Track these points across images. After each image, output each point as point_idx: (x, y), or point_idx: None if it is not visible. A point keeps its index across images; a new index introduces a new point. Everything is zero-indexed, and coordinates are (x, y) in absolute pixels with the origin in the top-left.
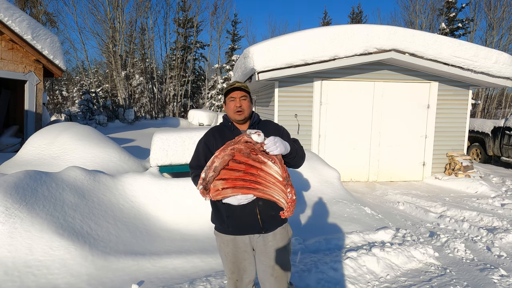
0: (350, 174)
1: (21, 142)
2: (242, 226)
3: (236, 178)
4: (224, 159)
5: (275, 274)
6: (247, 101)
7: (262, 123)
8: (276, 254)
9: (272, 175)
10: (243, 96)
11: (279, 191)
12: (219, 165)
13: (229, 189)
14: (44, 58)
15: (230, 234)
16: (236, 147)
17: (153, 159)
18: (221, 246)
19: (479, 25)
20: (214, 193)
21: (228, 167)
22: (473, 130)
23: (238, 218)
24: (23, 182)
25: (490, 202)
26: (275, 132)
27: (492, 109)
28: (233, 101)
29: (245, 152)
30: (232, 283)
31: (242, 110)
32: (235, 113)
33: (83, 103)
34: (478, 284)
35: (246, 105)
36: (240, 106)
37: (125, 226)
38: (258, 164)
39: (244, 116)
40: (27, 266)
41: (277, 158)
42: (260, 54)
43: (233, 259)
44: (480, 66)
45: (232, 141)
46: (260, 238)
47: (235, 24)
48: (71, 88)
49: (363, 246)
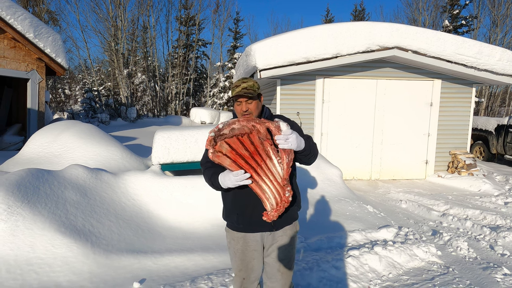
0: (353, 172)
1: (23, 140)
2: (252, 224)
3: (240, 154)
4: (243, 128)
5: (282, 270)
6: (254, 102)
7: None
8: (284, 250)
9: (272, 173)
10: (249, 100)
11: (272, 190)
12: (236, 130)
13: (228, 159)
14: (46, 57)
15: (241, 232)
16: (257, 126)
17: (155, 157)
18: (231, 242)
19: (483, 22)
20: (217, 152)
21: (241, 139)
22: (477, 128)
23: (249, 216)
24: (25, 180)
25: (493, 201)
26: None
27: (496, 107)
28: (239, 105)
29: (261, 137)
30: (239, 280)
31: (250, 113)
32: (242, 116)
33: (85, 101)
34: (481, 282)
35: (253, 107)
36: (246, 110)
37: (127, 224)
38: (264, 156)
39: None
40: (29, 264)
41: (287, 156)
42: (262, 52)
43: (242, 256)
44: (483, 63)
45: (257, 119)
46: (271, 235)
47: (237, 22)
48: (73, 86)
49: (365, 244)
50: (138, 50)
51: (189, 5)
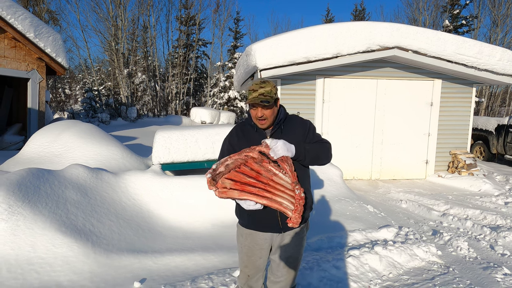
0: (353, 172)
1: (24, 140)
2: (263, 225)
3: (246, 183)
4: (237, 161)
5: (287, 268)
6: (271, 109)
7: (288, 119)
8: (291, 248)
9: (282, 185)
10: (265, 106)
11: (288, 198)
12: (231, 164)
13: (236, 191)
14: (46, 56)
15: (250, 229)
16: (250, 154)
17: (155, 157)
18: (239, 238)
19: (483, 22)
20: (221, 189)
21: (239, 170)
22: (477, 128)
23: (260, 218)
24: (26, 180)
25: (493, 201)
26: (300, 127)
27: (496, 107)
28: (255, 110)
29: (257, 161)
30: (244, 277)
31: (265, 119)
32: (257, 121)
33: (85, 101)
34: (481, 282)
35: (269, 114)
36: (261, 116)
37: (127, 224)
38: (269, 175)
39: (267, 124)
40: (30, 264)
41: (287, 164)
42: (263, 51)
43: (248, 252)
44: (484, 63)
45: (248, 148)
46: (279, 236)
47: (238, 22)
48: (73, 86)
49: (366, 244)
50: (138, 50)
51: (189, 4)
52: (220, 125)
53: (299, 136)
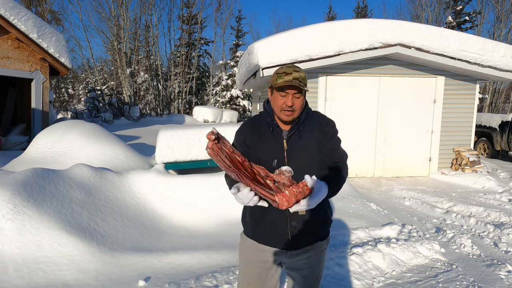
0: (356, 170)
1: (28, 140)
2: (270, 239)
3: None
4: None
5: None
6: (301, 98)
7: (308, 119)
8: (306, 270)
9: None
10: (297, 93)
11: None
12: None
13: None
14: (50, 57)
15: (254, 241)
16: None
17: (158, 156)
18: (242, 248)
19: (486, 18)
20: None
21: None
22: (480, 124)
23: (267, 231)
24: (31, 179)
25: (497, 198)
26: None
27: (500, 103)
28: (283, 97)
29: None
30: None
31: (293, 111)
32: (282, 112)
33: (88, 100)
34: (485, 280)
35: (299, 104)
36: (291, 106)
37: (132, 223)
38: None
39: (293, 117)
40: (36, 263)
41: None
42: (265, 50)
43: (251, 267)
44: (487, 59)
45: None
46: (288, 253)
47: (239, 20)
48: (76, 86)
49: (369, 242)
50: (141, 49)
51: (191, 3)
52: (222, 124)
53: (313, 144)
